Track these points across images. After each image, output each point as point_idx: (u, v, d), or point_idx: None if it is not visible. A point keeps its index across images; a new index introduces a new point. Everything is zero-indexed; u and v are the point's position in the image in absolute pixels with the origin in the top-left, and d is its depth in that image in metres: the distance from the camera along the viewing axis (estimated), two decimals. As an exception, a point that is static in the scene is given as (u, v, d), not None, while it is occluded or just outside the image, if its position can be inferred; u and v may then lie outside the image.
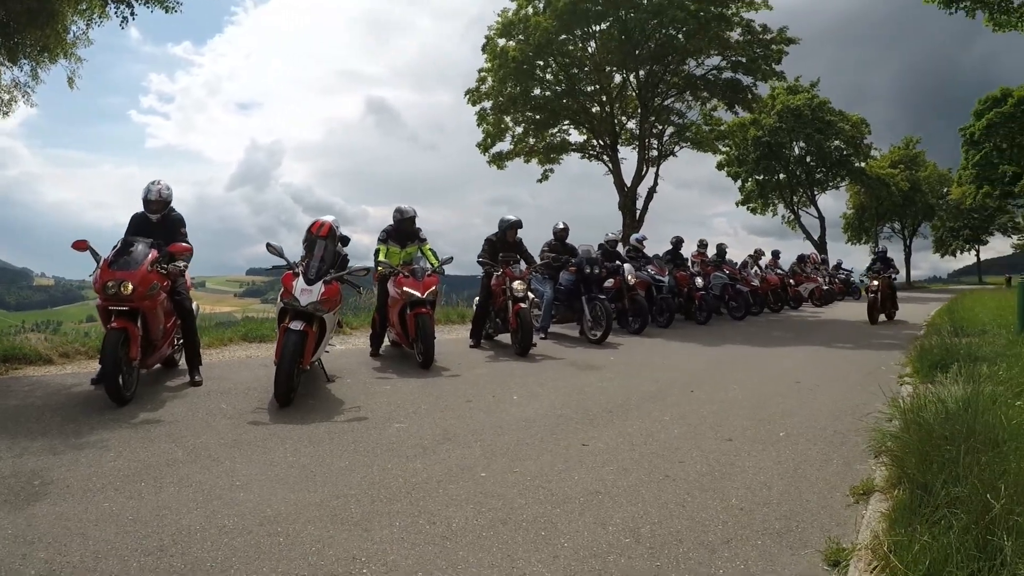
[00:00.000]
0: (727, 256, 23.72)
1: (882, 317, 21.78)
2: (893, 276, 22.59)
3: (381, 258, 11.35)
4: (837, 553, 4.06)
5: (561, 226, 16.00)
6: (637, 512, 4.76)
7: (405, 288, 10.56)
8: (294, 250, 8.98)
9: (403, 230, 11.69)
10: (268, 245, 8.53)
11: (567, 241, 15.89)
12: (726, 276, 22.00)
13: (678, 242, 20.97)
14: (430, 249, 11.73)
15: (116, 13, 15.55)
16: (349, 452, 6.03)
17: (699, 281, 19.48)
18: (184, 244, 8.58)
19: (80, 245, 7.95)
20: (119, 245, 8.01)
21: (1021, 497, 3.90)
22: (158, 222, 8.84)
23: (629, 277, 16.28)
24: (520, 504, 4.85)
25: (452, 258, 11.80)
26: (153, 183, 8.86)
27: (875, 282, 21.37)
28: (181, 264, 8.45)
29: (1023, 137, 55.43)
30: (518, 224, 13.57)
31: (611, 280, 16.12)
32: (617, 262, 16.77)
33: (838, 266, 37.81)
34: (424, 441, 6.47)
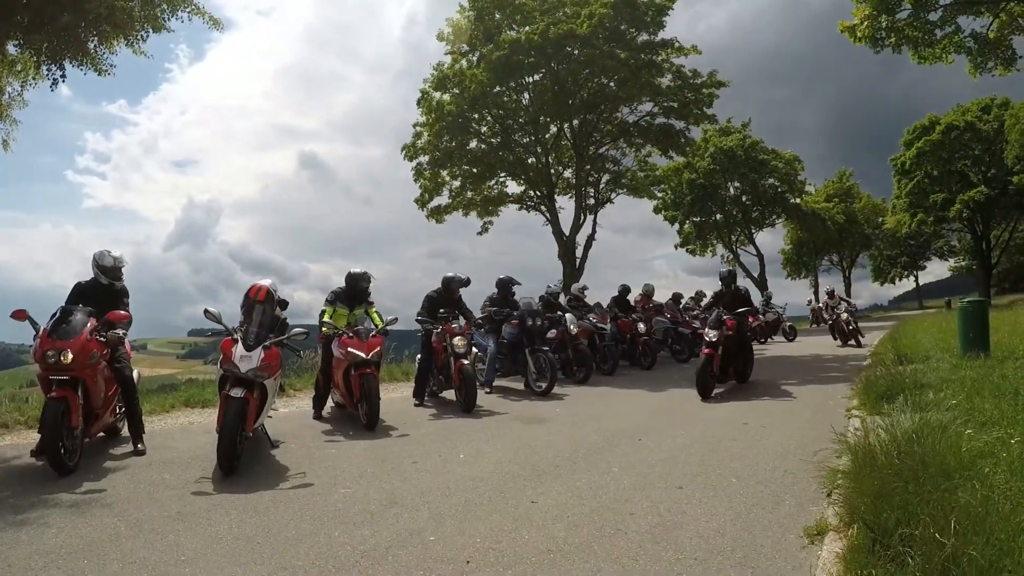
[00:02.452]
0: (682, 301, 24.21)
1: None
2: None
3: (326, 319, 11.32)
4: (794, 598, 4.06)
5: (509, 280, 16.03)
6: (590, 569, 4.72)
7: (350, 349, 10.51)
8: (233, 310, 8.92)
9: (354, 294, 11.72)
10: (206, 311, 8.44)
11: (510, 293, 15.88)
12: (667, 320, 22.12)
13: (625, 290, 21.18)
14: (376, 311, 11.71)
15: (48, 74, 15.45)
16: (295, 521, 5.94)
17: (641, 327, 19.57)
18: (123, 312, 8.53)
19: (19, 315, 7.92)
20: (58, 314, 7.96)
21: (973, 531, 3.93)
22: (106, 289, 8.85)
23: (571, 327, 16.33)
24: (470, 568, 4.80)
25: (396, 319, 11.77)
26: (108, 251, 8.98)
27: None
28: (120, 331, 8.37)
29: (953, 163, 56.97)
30: (466, 283, 13.62)
31: (553, 331, 16.14)
32: (558, 313, 16.81)
33: (767, 302, 33.85)
34: (371, 506, 6.39)
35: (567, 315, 16.72)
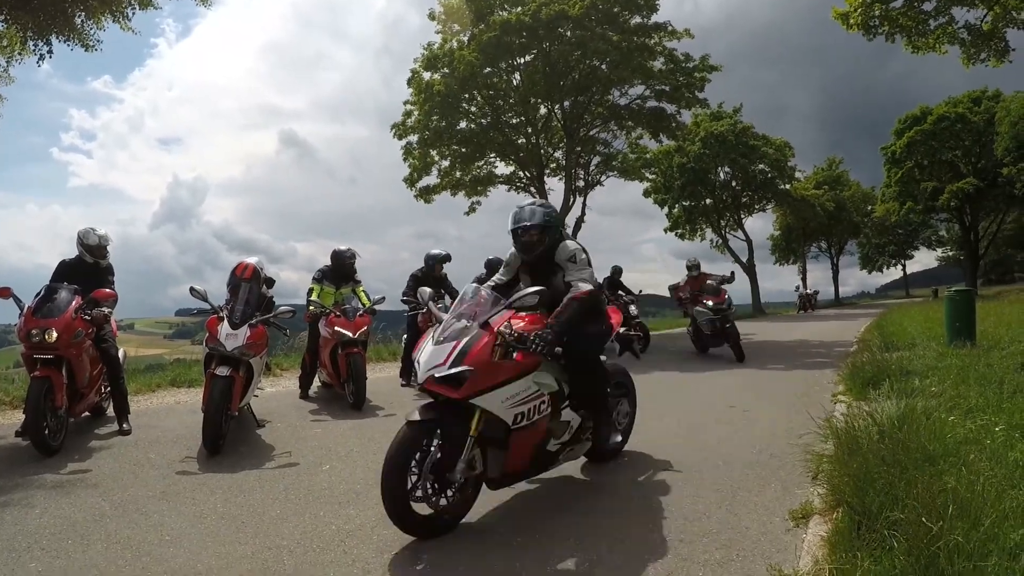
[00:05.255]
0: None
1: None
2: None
3: (314, 297, 11.29)
4: (780, 582, 4.06)
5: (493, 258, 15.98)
6: (576, 549, 4.74)
7: (337, 328, 10.51)
8: (220, 290, 8.89)
9: (340, 272, 11.70)
10: (192, 289, 8.40)
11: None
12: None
13: (616, 271, 20.40)
14: (363, 290, 11.71)
15: (35, 50, 15.32)
16: (280, 500, 5.94)
17: (633, 309, 19.34)
18: (108, 290, 8.47)
19: (3, 293, 7.89)
20: (43, 292, 7.92)
21: (959, 516, 3.94)
22: (91, 267, 8.81)
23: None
24: (456, 547, 4.82)
25: (384, 298, 11.76)
26: (92, 229, 8.90)
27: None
28: (105, 310, 8.31)
29: (943, 153, 57.20)
30: (446, 258, 13.52)
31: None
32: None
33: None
34: (356, 485, 6.40)
35: None
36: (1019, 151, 48.58)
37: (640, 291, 19.54)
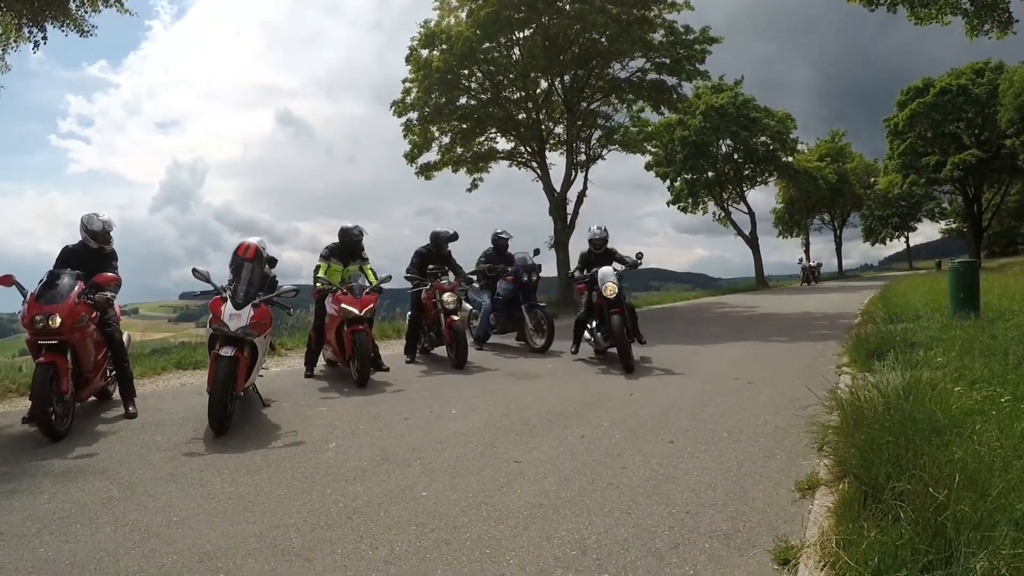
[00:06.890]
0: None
1: None
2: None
3: (321, 275, 11.30)
4: (786, 552, 4.05)
5: (503, 234, 15.73)
6: (582, 523, 4.74)
7: (343, 305, 10.54)
8: (222, 272, 8.86)
9: (348, 249, 11.73)
10: (194, 270, 8.39)
11: (505, 248, 15.72)
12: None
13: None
14: (370, 268, 11.75)
15: (30, 36, 15.23)
16: (287, 479, 5.94)
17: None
18: (110, 274, 8.45)
19: (5, 280, 7.87)
20: (45, 278, 7.89)
21: (966, 486, 3.93)
22: (95, 253, 8.83)
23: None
24: (463, 523, 4.82)
25: (390, 277, 11.77)
26: (96, 215, 8.89)
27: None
28: (108, 294, 8.30)
29: (946, 125, 57.08)
30: (454, 238, 13.55)
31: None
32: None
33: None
34: (363, 463, 6.41)
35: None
36: (1023, 122, 48.43)
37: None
